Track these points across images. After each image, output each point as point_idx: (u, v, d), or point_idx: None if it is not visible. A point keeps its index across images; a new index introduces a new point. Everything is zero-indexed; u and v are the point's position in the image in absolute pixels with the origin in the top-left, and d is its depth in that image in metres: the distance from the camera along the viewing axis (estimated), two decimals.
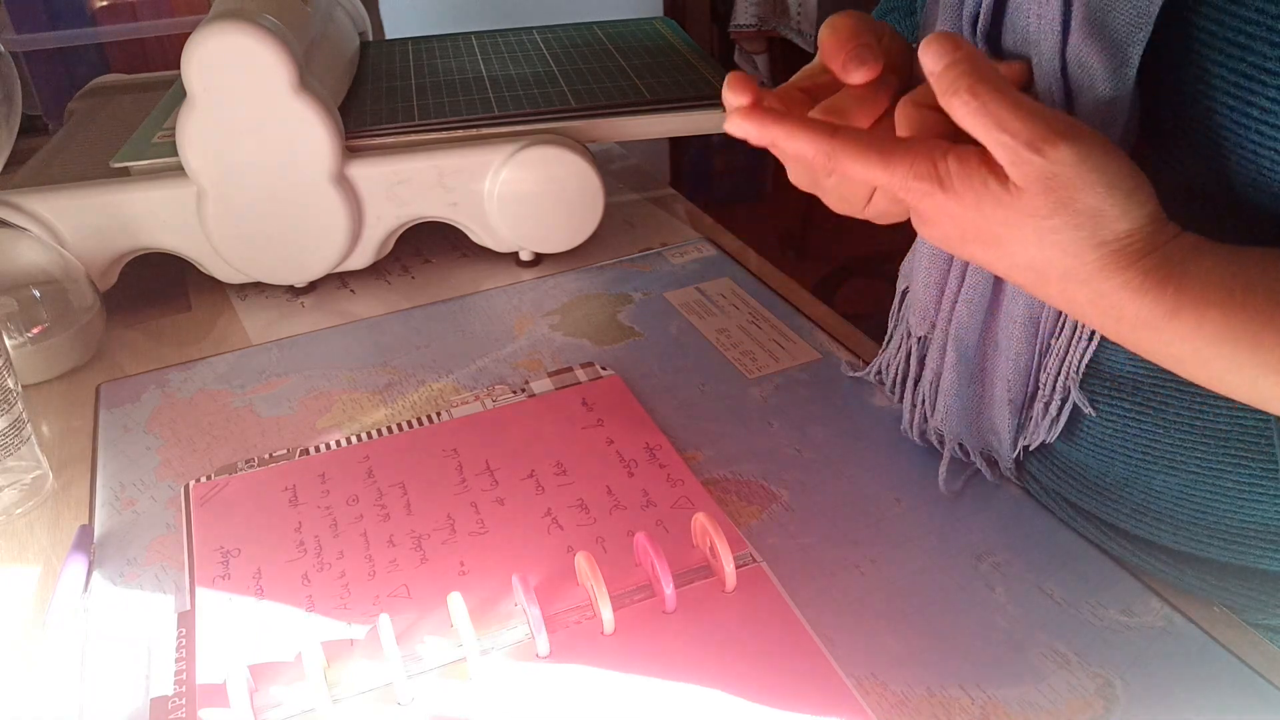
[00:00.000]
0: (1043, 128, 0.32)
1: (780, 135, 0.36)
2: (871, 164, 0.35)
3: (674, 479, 0.53)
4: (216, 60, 0.63)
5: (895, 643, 0.43)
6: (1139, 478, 0.45)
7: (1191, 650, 0.42)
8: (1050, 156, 0.32)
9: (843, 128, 0.36)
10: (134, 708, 0.42)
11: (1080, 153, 0.32)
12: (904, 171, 0.35)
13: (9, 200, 0.66)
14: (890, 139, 0.36)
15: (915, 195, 0.36)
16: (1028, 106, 0.33)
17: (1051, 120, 0.33)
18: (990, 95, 0.33)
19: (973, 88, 0.33)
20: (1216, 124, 0.35)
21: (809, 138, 0.36)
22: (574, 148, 0.71)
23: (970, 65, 0.33)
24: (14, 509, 0.54)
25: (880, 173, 0.35)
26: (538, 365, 0.64)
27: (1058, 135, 0.32)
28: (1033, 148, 0.32)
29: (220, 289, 0.75)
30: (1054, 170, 0.32)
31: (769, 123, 0.36)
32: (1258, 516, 0.43)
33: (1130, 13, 0.34)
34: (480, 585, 0.47)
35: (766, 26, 2.10)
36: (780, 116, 0.36)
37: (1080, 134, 0.33)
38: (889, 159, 0.35)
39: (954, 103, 0.34)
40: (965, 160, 0.34)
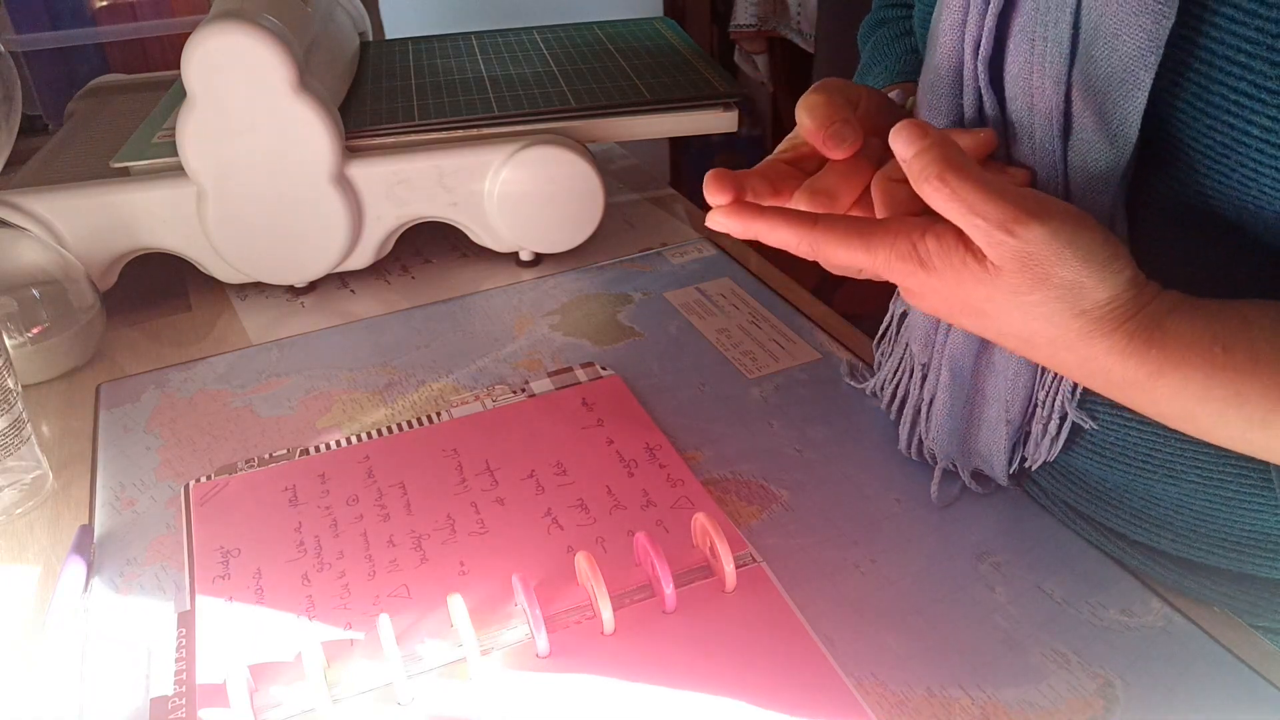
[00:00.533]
0: (1013, 209, 0.33)
1: (763, 229, 0.38)
2: (854, 250, 0.36)
3: (674, 479, 0.53)
4: (216, 60, 0.63)
5: (895, 643, 0.43)
6: (1138, 485, 0.45)
7: (1191, 650, 0.42)
8: (1022, 236, 0.33)
9: (824, 217, 0.37)
10: (134, 708, 0.42)
11: (1052, 229, 0.33)
12: (885, 254, 0.36)
13: (9, 200, 0.66)
14: (870, 222, 0.37)
15: (899, 275, 0.37)
16: (997, 189, 0.34)
17: (1021, 201, 0.33)
18: (959, 181, 0.34)
19: (942, 174, 0.34)
20: (1216, 143, 0.35)
21: (791, 229, 0.37)
22: (574, 148, 0.71)
23: (940, 151, 0.34)
24: (14, 509, 0.54)
25: (863, 257, 0.36)
26: (538, 365, 0.64)
27: (1028, 215, 0.33)
28: (1004, 229, 0.33)
29: (220, 289, 0.75)
30: (1028, 249, 0.33)
31: (750, 218, 0.38)
32: (1257, 526, 0.43)
33: (1140, 37, 0.34)
34: (480, 585, 0.47)
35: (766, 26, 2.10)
36: (760, 212, 0.38)
37: (1050, 211, 0.33)
38: (870, 243, 0.36)
39: (925, 188, 0.34)
40: (943, 239, 0.35)
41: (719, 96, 0.76)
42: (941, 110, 0.42)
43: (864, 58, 0.63)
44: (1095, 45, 0.35)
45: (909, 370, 0.52)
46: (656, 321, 0.68)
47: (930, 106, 0.42)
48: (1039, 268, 0.33)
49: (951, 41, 0.41)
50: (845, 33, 0.68)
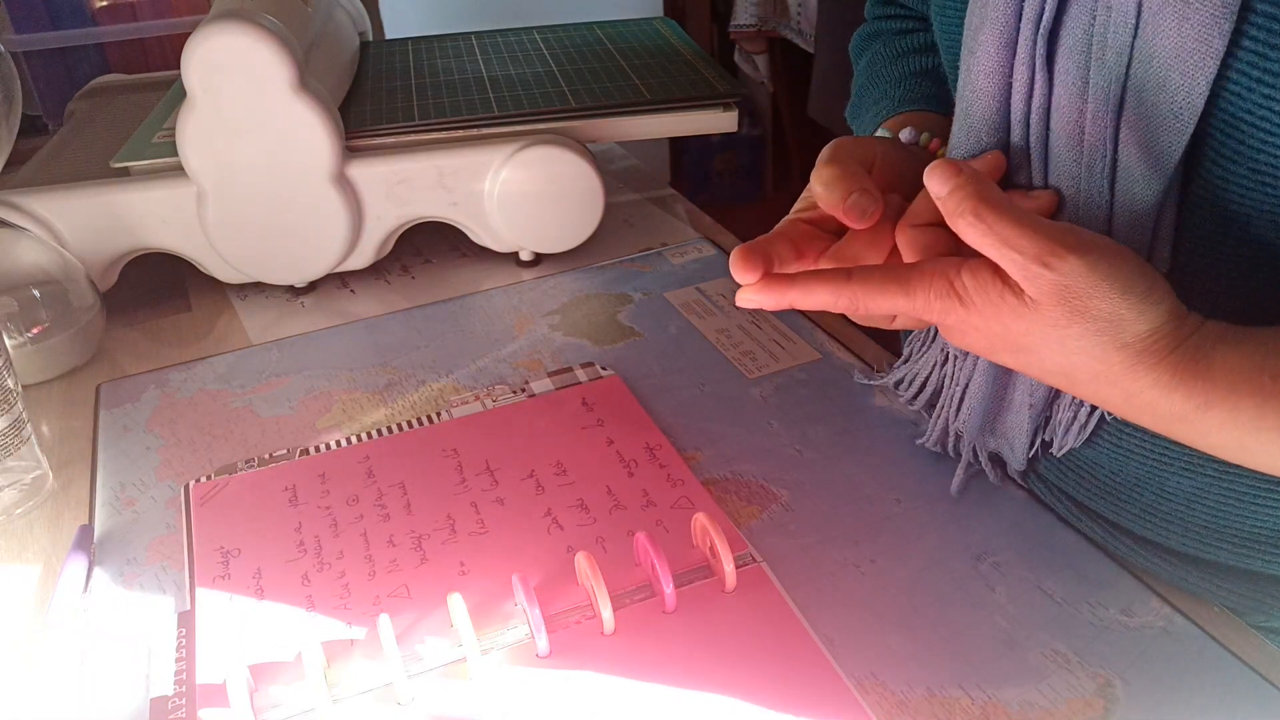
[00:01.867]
0: (1049, 242, 0.33)
1: (797, 297, 0.38)
2: (893, 295, 0.36)
3: (674, 479, 0.53)
4: (216, 60, 0.63)
5: (895, 643, 0.43)
6: (1153, 478, 0.45)
7: (1191, 650, 0.42)
8: (1059, 270, 0.33)
9: (858, 269, 0.37)
10: (134, 708, 0.42)
11: (1089, 262, 0.33)
12: (924, 295, 0.36)
13: (9, 200, 0.66)
14: (905, 267, 0.37)
15: (939, 314, 0.37)
16: (1032, 223, 0.33)
17: (1057, 234, 0.33)
18: (995, 216, 0.34)
19: (977, 210, 0.34)
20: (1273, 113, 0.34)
21: (828, 289, 0.37)
22: (574, 148, 0.71)
23: (974, 188, 0.34)
24: (14, 509, 0.54)
25: (903, 301, 0.36)
26: (538, 365, 0.64)
27: (1065, 248, 0.33)
28: (1041, 262, 0.33)
29: (220, 289, 0.75)
30: (1065, 282, 0.33)
31: (783, 290, 0.38)
32: (1269, 522, 0.43)
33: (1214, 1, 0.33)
34: (480, 585, 0.47)
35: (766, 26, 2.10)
36: (791, 280, 0.38)
37: (1087, 244, 0.33)
38: (908, 287, 0.36)
39: (960, 224, 0.34)
40: (979, 275, 0.35)
41: (719, 96, 0.76)
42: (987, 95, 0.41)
43: (859, 76, 0.62)
44: (1164, 14, 0.35)
45: (943, 360, 0.52)
46: (656, 321, 0.68)
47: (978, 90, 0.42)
48: (1077, 300, 0.33)
49: (1007, 19, 0.40)
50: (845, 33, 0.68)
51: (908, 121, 0.51)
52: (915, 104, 0.54)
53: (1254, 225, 0.37)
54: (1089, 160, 0.39)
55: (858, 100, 0.60)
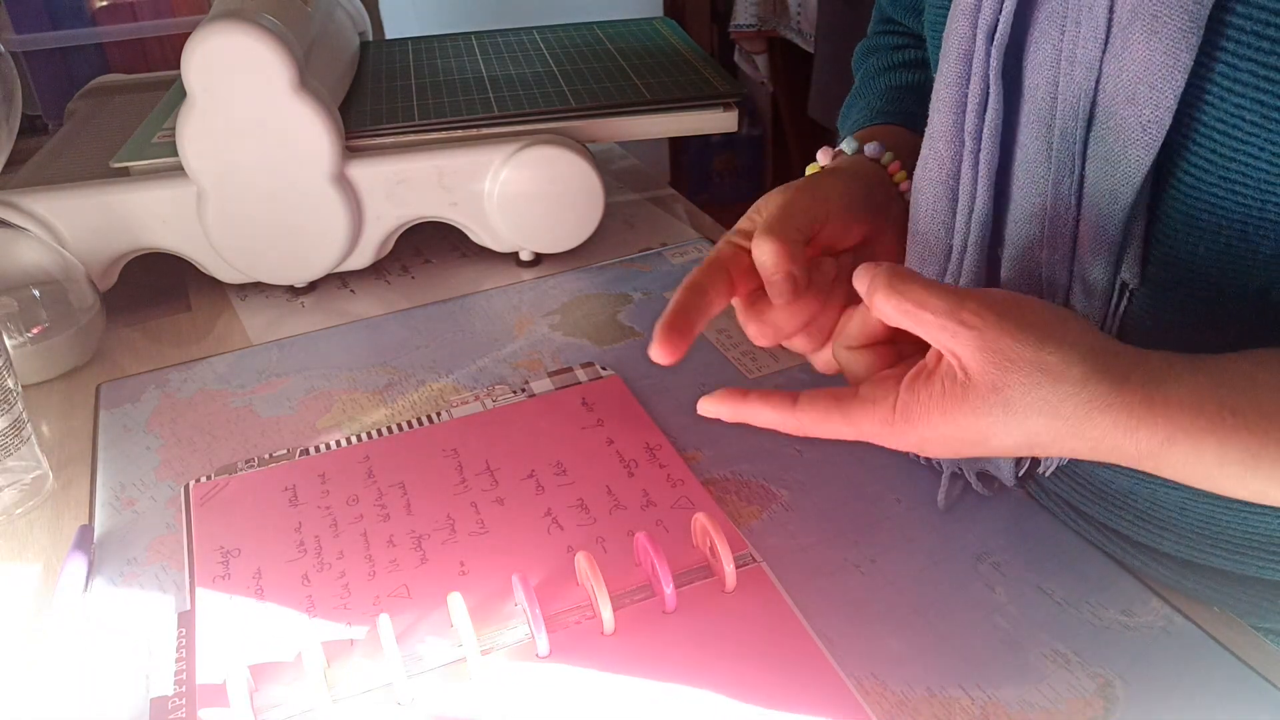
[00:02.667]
0: (958, 299, 0.34)
1: (748, 414, 0.40)
2: (837, 424, 0.38)
3: (674, 479, 0.53)
4: (216, 60, 0.63)
5: (895, 643, 0.43)
6: (1143, 489, 0.45)
7: (1191, 650, 0.42)
8: (974, 323, 0.34)
9: (803, 396, 0.39)
10: (134, 708, 0.42)
11: (998, 313, 0.34)
12: (868, 424, 0.37)
13: (9, 200, 0.66)
14: (846, 395, 0.38)
15: (889, 439, 0.38)
16: (940, 286, 0.35)
17: (967, 292, 0.35)
18: (905, 285, 0.35)
19: (889, 282, 0.36)
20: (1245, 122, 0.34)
21: (775, 413, 0.39)
22: (574, 148, 0.71)
23: (887, 269, 0.36)
24: (14, 509, 0.54)
25: (847, 429, 0.38)
26: (538, 365, 0.64)
27: (974, 301, 0.34)
28: (956, 319, 0.34)
29: (220, 289, 0.75)
30: (980, 338, 0.34)
31: (737, 405, 0.40)
32: (1261, 528, 0.43)
33: (1183, 17, 0.33)
34: (480, 585, 0.47)
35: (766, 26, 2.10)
36: (744, 399, 0.40)
37: (992, 297, 0.35)
38: (850, 418, 0.38)
39: (877, 300, 0.36)
40: (914, 387, 0.36)
41: (719, 96, 0.76)
42: (945, 102, 0.42)
43: (855, 86, 0.63)
44: (1133, 28, 0.35)
45: None
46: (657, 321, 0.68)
47: (940, 99, 0.42)
48: (999, 354, 0.34)
49: (964, 31, 0.40)
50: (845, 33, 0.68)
51: (875, 135, 0.52)
52: (892, 118, 0.55)
53: (1225, 235, 0.37)
54: (1056, 175, 0.39)
55: (847, 107, 0.61)
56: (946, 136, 0.42)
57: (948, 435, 0.36)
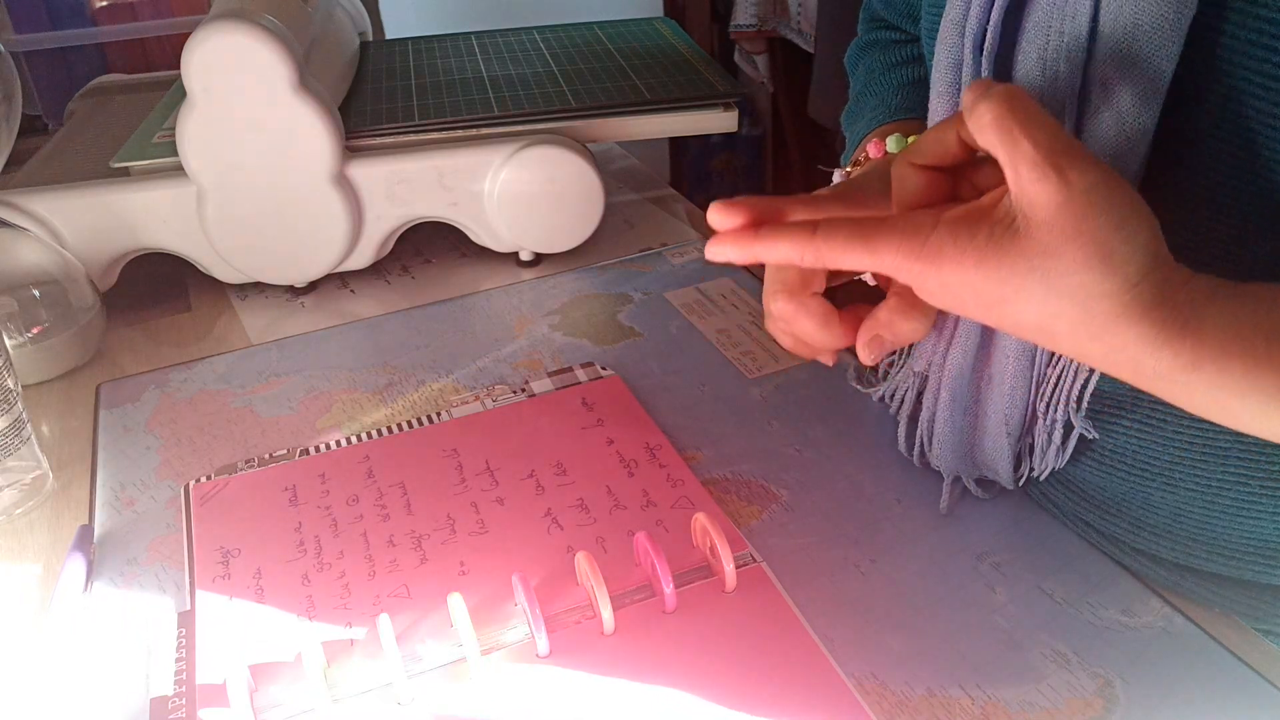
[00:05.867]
0: (1064, 144, 0.32)
1: (761, 250, 0.36)
2: (858, 254, 0.35)
3: (674, 479, 0.53)
4: (216, 60, 0.63)
5: (895, 643, 0.43)
6: (1137, 493, 0.45)
7: (1191, 650, 0.42)
8: (1067, 178, 0.31)
9: (823, 222, 0.35)
10: (134, 708, 0.42)
11: (1095, 180, 0.31)
12: (891, 256, 0.34)
13: (9, 200, 0.66)
14: (873, 223, 0.35)
15: (909, 276, 0.35)
16: (1053, 123, 0.32)
17: (1073, 142, 0.32)
18: (1021, 103, 0.32)
19: (1008, 95, 0.32)
20: (1245, 127, 0.34)
21: (791, 243, 0.35)
22: (574, 148, 0.71)
23: (1009, 87, 0.33)
24: (14, 509, 0.54)
25: (868, 260, 0.35)
26: (538, 365, 0.64)
27: (1078, 156, 0.31)
28: (1052, 164, 0.31)
29: (220, 289, 0.75)
30: (1065, 195, 0.31)
31: (748, 241, 0.36)
32: (1256, 533, 0.42)
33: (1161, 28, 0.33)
34: (480, 585, 0.47)
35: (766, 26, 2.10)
36: (755, 233, 0.36)
37: (1095, 163, 0.32)
38: (873, 245, 0.35)
39: (982, 107, 0.32)
40: (956, 225, 0.33)
41: (719, 96, 0.76)
42: (943, 113, 0.42)
43: (855, 86, 0.62)
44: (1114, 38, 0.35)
45: (913, 385, 0.51)
46: (656, 321, 0.68)
47: (934, 110, 0.42)
48: (1070, 221, 0.31)
49: (953, 41, 0.40)
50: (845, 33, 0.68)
51: (896, 129, 0.51)
52: (910, 112, 0.54)
53: (1228, 239, 0.36)
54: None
55: (855, 106, 0.61)
56: None
57: (969, 287, 0.34)
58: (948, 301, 0.35)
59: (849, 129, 0.60)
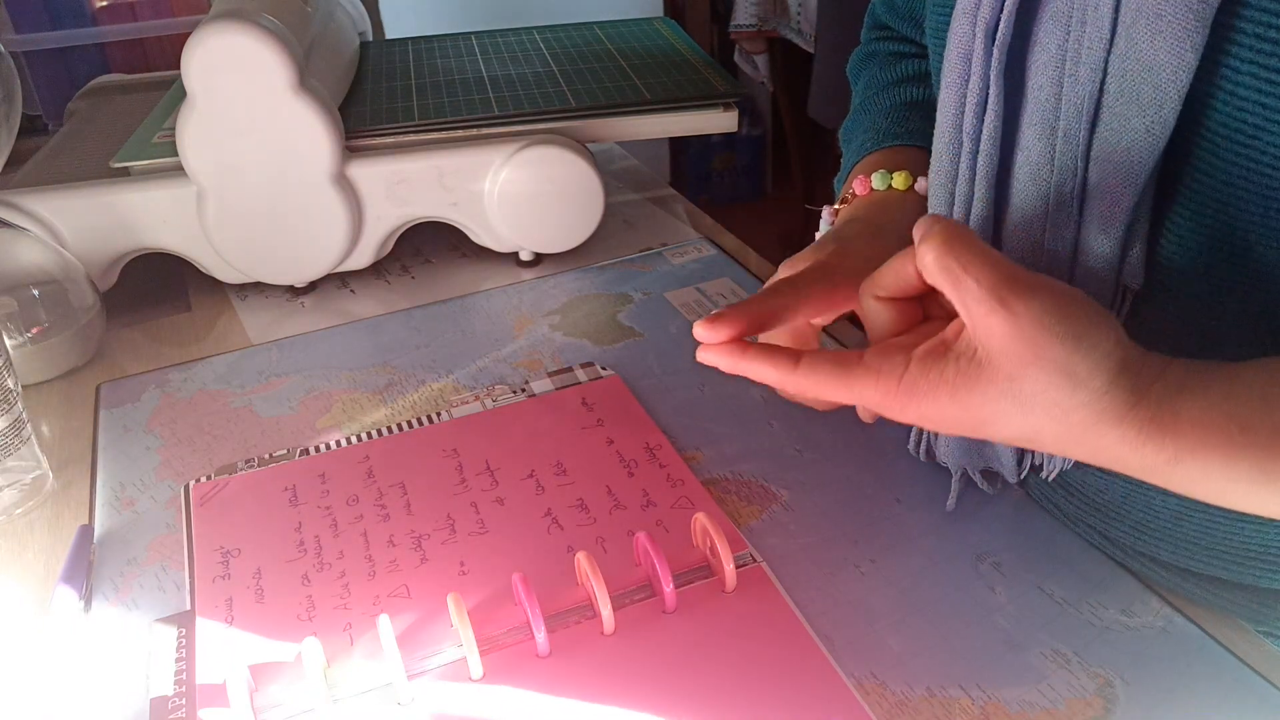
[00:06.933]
0: (1007, 276, 0.33)
1: (748, 367, 0.38)
2: (837, 391, 0.37)
3: (674, 479, 0.53)
4: (216, 60, 0.63)
5: (895, 643, 0.43)
6: (1138, 496, 0.45)
7: (1191, 650, 0.42)
8: (1014, 309, 0.32)
9: (806, 357, 0.37)
10: (134, 708, 0.42)
11: (1042, 307, 0.32)
12: (871, 393, 0.36)
13: (9, 200, 0.66)
14: (851, 360, 0.37)
15: (892, 411, 0.36)
16: (994, 257, 0.33)
17: (1016, 272, 0.33)
18: (960, 243, 0.33)
19: (945, 238, 0.33)
20: (1247, 124, 0.34)
21: (775, 370, 0.37)
22: (574, 148, 0.71)
23: (950, 224, 0.34)
24: (14, 509, 0.54)
25: (846, 396, 0.37)
26: (538, 365, 0.64)
27: (1021, 285, 0.32)
28: (997, 297, 0.32)
29: (220, 289, 0.75)
30: (1015, 326, 0.32)
31: (738, 356, 0.38)
32: (1257, 538, 0.42)
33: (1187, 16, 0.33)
34: (480, 585, 0.47)
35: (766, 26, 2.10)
36: (745, 350, 0.38)
37: (1041, 286, 0.33)
38: (851, 384, 0.36)
39: (923, 249, 0.34)
40: (926, 362, 0.35)
41: (719, 96, 0.76)
42: (948, 104, 0.42)
43: (855, 97, 0.62)
44: (1137, 27, 0.35)
45: None
46: (656, 321, 0.68)
47: (942, 103, 0.42)
48: (1028, 347, 0.33)
49: (964, 31, 0.40)
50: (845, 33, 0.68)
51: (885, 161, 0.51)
52: (899, 139, 0.54)
53: (1229, 241, 0.36)
54: (1059, 178, 0.39)
55: (851, 122, 0.61)
56: (945, 138, 0.42)
57: (949, 415, 0.35)
58: (933, 426, 0.37)
59: (845, 147, 0.60)
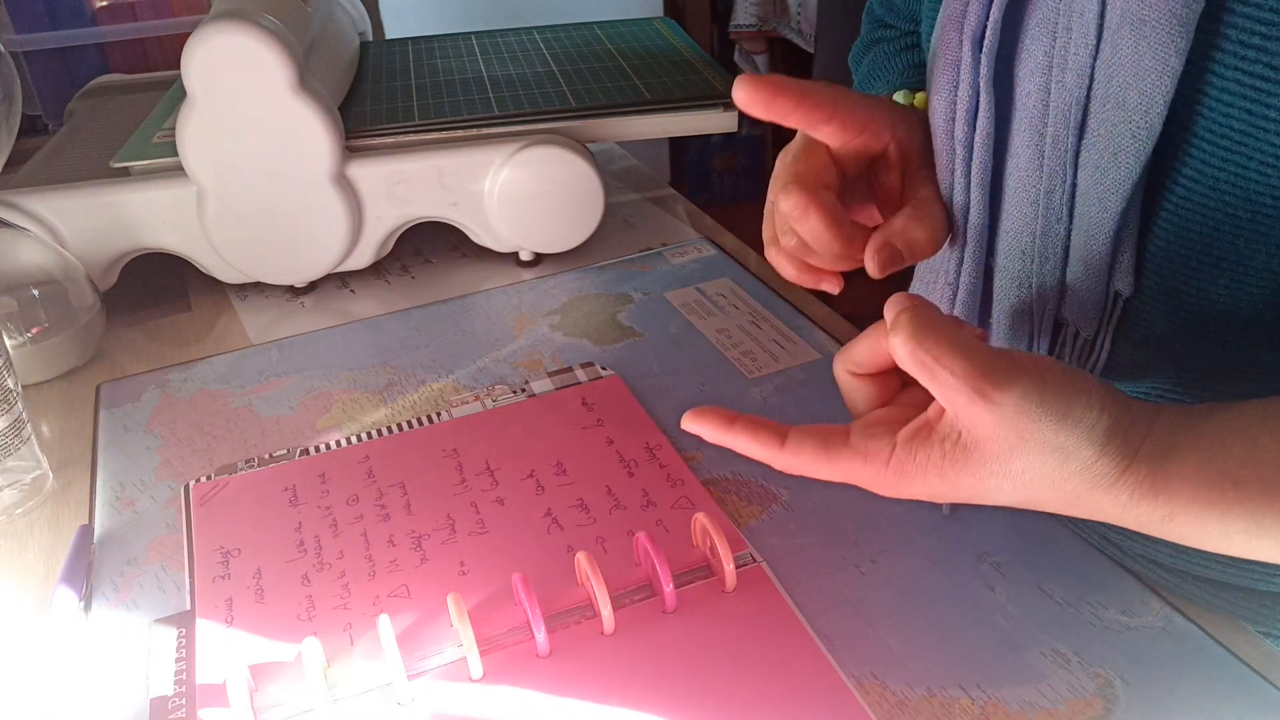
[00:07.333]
0: (981, 366, 0.32)
1: (734, 442, 0.39)
2: (822, 471, 0.37)
3: (674, 479, 0.53)
4: (216, 60, 0.63)
5: (895, 643, 0.43)
6: None
7: (1191, 650, 0.42)
8: (995, 401, 0.32)
9: (791, 435, 0.38)
10: (134, 708, 0.42)
11: (1022, 392, 0.32)
12: (861, 474, 0.36)
13: (9, 200, 0.66)
14: (836, 439, 0.37)
15: (881, 490, 0.37)
16: (966, 345, 0.33)
17: (990, 359, 0.33)
18: (928, 334, 0.33)
19: (913, 328, 0.33)
20: (1233, 130, 0.34)
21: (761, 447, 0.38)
22: (574, 148, 0.71)
23: (921, 312, 0.34)
24: (14, 509, 0.54)
25: (835, 476, 0.37)
26: (538, 365, 0.64)
27: (998, 374, 0.32)
28: (974, 388, 0.32)
29: (220, 289, 0.75)
30: (998, 415, 0.32)
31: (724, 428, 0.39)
32: None
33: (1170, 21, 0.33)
34: (480, 585, 0.47)
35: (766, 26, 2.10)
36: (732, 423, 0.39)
37: (1021, 370, 0.33)
38: (837, 466, 0.37)
39: (894, 342, 0.34)
40: (910, 445, 0.35)
41: (719, 96, 0.76)
42: (939, 112, 0.42)
43: (860, 75, 0.62)
44: (1122, 33, 0.35)
45: None
46: (656, 321, 0.68)
47: (933, 109, 0.42)
48: (1012, 432, 0.33)
49: (951, 38, 0.40)
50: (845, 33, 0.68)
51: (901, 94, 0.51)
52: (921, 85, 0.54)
53: (1217, 246, 0.36)
54: (1049, 184, 0.39)
55: (861, 88, 0.60)
56: (937, 145, 0.42)
57: (941, 492, 0.36)
58: (928, 499, 0.37)
59: None
